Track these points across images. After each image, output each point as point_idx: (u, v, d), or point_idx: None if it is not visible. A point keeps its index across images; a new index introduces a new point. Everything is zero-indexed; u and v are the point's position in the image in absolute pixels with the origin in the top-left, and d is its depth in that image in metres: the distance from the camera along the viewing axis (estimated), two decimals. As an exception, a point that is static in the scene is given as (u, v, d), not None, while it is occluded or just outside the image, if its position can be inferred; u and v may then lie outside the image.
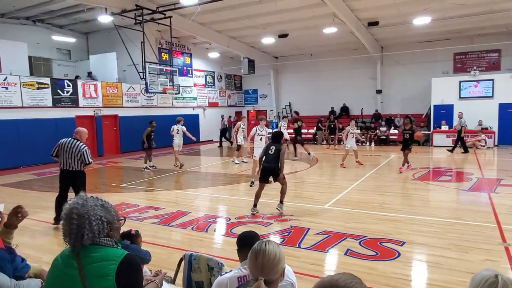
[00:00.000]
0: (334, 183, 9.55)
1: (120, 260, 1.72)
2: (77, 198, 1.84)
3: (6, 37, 13.93)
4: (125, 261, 1.73)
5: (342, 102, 21.89)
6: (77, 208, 1.77)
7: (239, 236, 2.46)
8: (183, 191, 9.02)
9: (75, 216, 1.74)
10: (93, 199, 1.85)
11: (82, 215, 1.75)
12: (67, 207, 1.79)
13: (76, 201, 1.80)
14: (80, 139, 5.94)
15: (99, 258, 1.72)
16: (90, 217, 1.75)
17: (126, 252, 1.79)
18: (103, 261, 1.71)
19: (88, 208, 1.78)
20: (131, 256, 1.79)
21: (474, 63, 18.40)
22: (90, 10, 14.93)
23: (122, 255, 1.75)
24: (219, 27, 17.73)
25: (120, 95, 16.67)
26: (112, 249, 1.79)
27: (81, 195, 1.86)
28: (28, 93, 13.19)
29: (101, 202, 1.86)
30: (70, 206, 1.79)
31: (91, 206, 1.79)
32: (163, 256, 4.60)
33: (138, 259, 2.84)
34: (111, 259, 1.72)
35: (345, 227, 5.66)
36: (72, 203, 1.81)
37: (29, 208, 7.44)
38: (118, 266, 1.70)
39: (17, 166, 12.64)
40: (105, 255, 1.74)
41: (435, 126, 17.36)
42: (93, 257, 1.73)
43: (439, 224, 5.74)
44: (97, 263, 1.71)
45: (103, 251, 1.75)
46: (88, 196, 1.88)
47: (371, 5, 14.38)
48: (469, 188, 8.37)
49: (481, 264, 4.22)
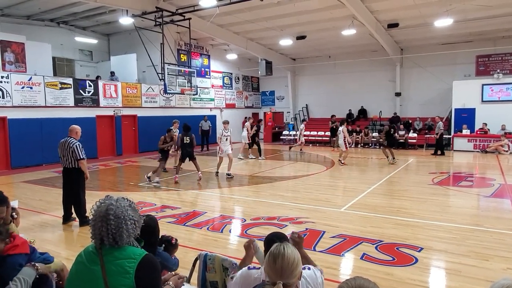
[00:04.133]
0: (351, 186, 9.45)
1: (140, 259, 1.77)
2: (108, 199, 1.88)
3: (31, 38, 14.37)
4: (145, 260, 1.78)
5: (360, 105, 21.65)
6: (113, 209, 1.82)
7: (268, 236, 2.38)
8: (199, 191, 9.10)
9: (112, 217, 1.79)
10: (123, 200, 1.90)
11: (118, 216, 1.81)
12: (101, 208, 1.83)
13: (110, 202, 1.85)
14: (75, 136, 6.20)
15: (120, 256, 1.78)
16: (125, 217, 1.82)
17: (145, 252, 1.84)
18: (124, 259, 1.77)
19: (122, 209, 1.84)
20: (150, 256, 1.84)
21: (498, 66, 17.90)
22: (112, 12, 15.26)
23: (142, 254, 1.81)
24: (237, 29, 17.83)
25: (139, 95, 16.95)
26: (132, 248, 1.84)
27: (111, 196, 1.91)
28: (52, 93, 13.57)
29: (129, 203, 1.92)
30: (105, 207, 1.83)
31: (124, 207, 1.85)
32: (179, 255, 4.60)
33: (162, 264, 2.90)
34: (131, 257, 1.77)
35: (361, 231, 5.60)
36: (105, 204, 1.84)
37: (51, 205, 7.66)
38: (138, 265, 1.75)
39: (40, 164, 13.02)
40: (126, 253, 1.79)
41: (456, 130, 16.96)
42: (115, 255, 1.78)
43: (458, 231, 5.61)
44: (118, 261, 1.76)
45: (125, 249, 1.81)
46: (119, 197, 1.92)
47: (391, 7, 14.16)
48: (491, 194, 8.14)
49: (502, 272, 4.10)
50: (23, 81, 12.76)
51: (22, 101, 12.73)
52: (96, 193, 8.57)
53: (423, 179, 9.98)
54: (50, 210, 7.21)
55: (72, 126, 6.36)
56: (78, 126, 6.40)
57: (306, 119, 20.66)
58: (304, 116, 23.55)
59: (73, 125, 6.38)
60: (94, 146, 14.90)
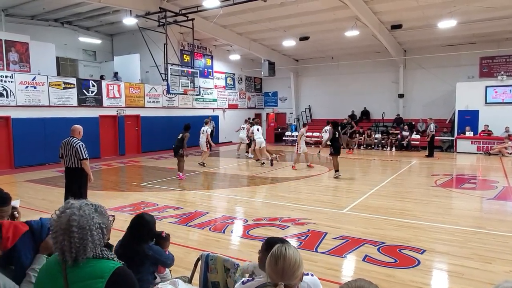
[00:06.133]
0: (353, 187, 9.43)
1: (108, 276, 1.57)
2: (70, 207, 1.65)
3: (35, 38, 14.42)
4: (115, 276, 1.58)
5: (363, 106, 21.61)
6: (76, 219, 1.59)
7: (268, 240, 2.29)
8: (202, 192, 9.10)
9: (75, 229, 1.58)
10: (88, 206, 1.68)
11: (83, 227, 1.59)
12: (62, 219, 1.61)
13: (71, 212, 1.62)
14: (77, 136, 6.22)
15: (87, 275, 1.58)
16: (91, 227, 1.61)
17: (116, 266, 1.63)
18: (91, 279, 1.57)
19: (87, 217, 1.62)
20: (122, 270, 1.63)
21: (502, 68, 17.82)
22: (116, 12, 15.31)
23: (112, 269, 1.60)
24: (240, 30, 17.85)
25: (142, 95, 17.00)
26: (102, 261, 1.63)
27: (72, 203, 1.68)
28: (55, 93, 13.63)
29: (94, 207, 1.70)
30: (65, 218, 1.60)
31: (89, 215, 1.64)
32: (180, 256, 4.66)
33: (155, 258, 2.88)
34: (99, 276, 1.57)
35: (364, 233, 5.59)
36: (66, 214, 1.62)
37: (54, 205, 7.68)
38: (107, 283, 1.56)
39: (43, 163, 13.07)
40: (94, 271, 1.59)
41: (459, 132, 16.90)
42: (81, 274, 1.58)
43: (461, 233, 5.59)
44: (84, 282, 1.57)
45: (93, 266, 1.61)
46: (81, 202, 1.69)
47: (394, 8, 14.13)
48: (494, 196, 8.11)
49: (505, 275, 4.09)
50: (27, 81, 12.82)
51: (26, 101, 12.79)
52: (98, 193, 8.60)
53: (426, 181, 9.95)
54: (53, 209, 7.13)
55: (75, 126, 6.38)
56: (80, 126, 6.43)
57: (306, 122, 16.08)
58: (307, 117, 23.54)
59: (75, 125, 6.41)
60: (97, 146, 14.95)
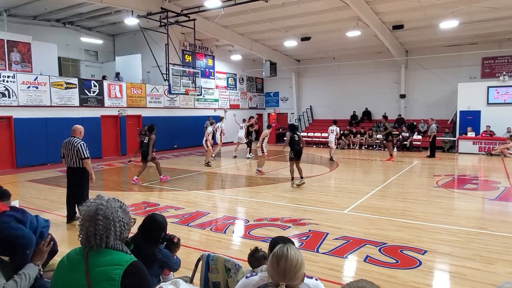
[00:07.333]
0: (355, 188, 9.42)
1: (126, 265, 1.70)
2: (99, 199, 1.82)
3: (37, 39, 14.46)
4: (132, 267, 1.71)
5: (364, 106, 21.59)
6: (102, 209, 1.76)
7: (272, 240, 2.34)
8: (203, 192, 9.10)
9: (100, 218, 1.74)
10: (114, 201, 1.85)
11: (107, 217, 1.75)
12: (90, 208, 1.78)
13: (100, 202, 1.79)
14: (79, 136, 6.26)
15: (106, 262, 1.71)
16: (114, 219, 1.77)
17: (133, 259, 1.77)
18: (110, 265, 1.70)
19: (112, 210, 1.79)
20: (138, 263, 1.77)
21: (504, 68, 17.79)
22: (117, 12, 15.33)
23: (129, 261, 1.73)
24: (242, 30, 17.85)
25: (144, 95, 17.01)
26: (120, 253, 1.78)
27: (101, 196, 1.85)
28: (57, 93, 13.65)
29: (120, 204, 1.86)
30: (94, 207, 1.77)
31: (114, 208, 1.80)
32: (181, 256, 4.63)
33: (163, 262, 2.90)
34: (117, 263, 1.70)
35: (365, 233, 5.58)
36: (95, 204, 1.79)
37: (55, 204, 7.70)
38: (124, 271, 1.68)
39: (45, 163, 13.09)
40: (112, 259, 1.72)
41: (461, 132, 16.86)
42: (101, 260, 1.72)
43: (463, 234, 5.57)
44: (104, 267, 1.70)
45: (112, 255, 1.74)
46: (110, 197, 1.88)
47: (396, 8, 14.11)
48: (496, 197, 8.09)
49: (508, 276, 4.07)
50: (29, 81, 12.85)
51: (28, 101, 12.82)
52: (100, 193, 8.59)
53: (427, 181, 9.92)
54: (54, 209, 7.25)
55: (76, 126, 6.41)
56: (81, 126, 6.46)
57: (271, 125, 14.44)
58: (309, 117, 23.53)
59: (76, 125, 6.44)
60: (99, 146, 14.97)
